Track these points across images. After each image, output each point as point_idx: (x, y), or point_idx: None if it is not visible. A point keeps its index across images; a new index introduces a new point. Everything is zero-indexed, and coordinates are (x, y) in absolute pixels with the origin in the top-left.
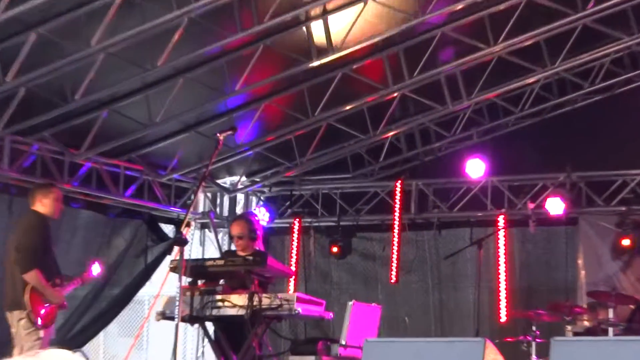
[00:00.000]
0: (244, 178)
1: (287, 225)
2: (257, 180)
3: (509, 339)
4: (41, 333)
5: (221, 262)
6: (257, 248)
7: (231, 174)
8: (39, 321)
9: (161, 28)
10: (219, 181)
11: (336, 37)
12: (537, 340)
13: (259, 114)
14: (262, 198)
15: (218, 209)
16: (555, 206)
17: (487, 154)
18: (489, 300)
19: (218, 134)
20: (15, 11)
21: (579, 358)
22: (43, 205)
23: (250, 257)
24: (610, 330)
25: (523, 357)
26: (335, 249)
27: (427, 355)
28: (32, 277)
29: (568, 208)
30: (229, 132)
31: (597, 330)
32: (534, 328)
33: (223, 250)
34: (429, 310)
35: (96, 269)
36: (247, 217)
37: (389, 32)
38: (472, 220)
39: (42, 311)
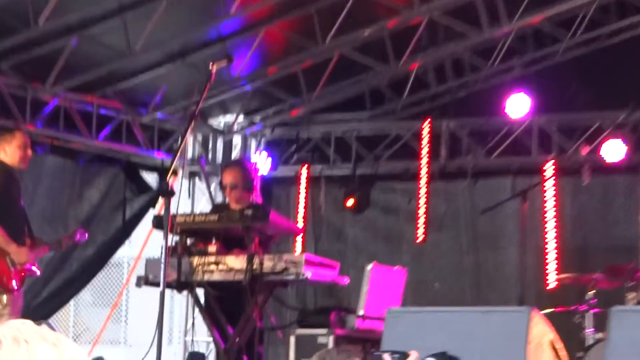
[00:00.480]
0: (241, 118)
1: (293, 173)
2: (257, 120)
3: (559, 309)
4: (4, 298)
5: (214, 217)
6: (254, 200)
7: (226, 113)
8: (2, 284)
9: None
10: (211, 121)
11: None
12: (593, 310)
13: (258, 40)
14: (262, 141)
15: (210, 155)
16: (613, 151)
17: (532, 88)
18: (535, 262)
19: (210, 65)
20: None
21: None
22: (5, 153)
23: (250, 211)
24: None
25: (576, 330)
26: (350, 202)
27: (460, 327)
28: None
29: (629, 153)
30: (223, 63)
31: None
32: (589, 295)
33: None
34: (462, 275)
35: (82, 236)
36: (242, 163)
37: None
38: (514, 167)
39: (5, 272)
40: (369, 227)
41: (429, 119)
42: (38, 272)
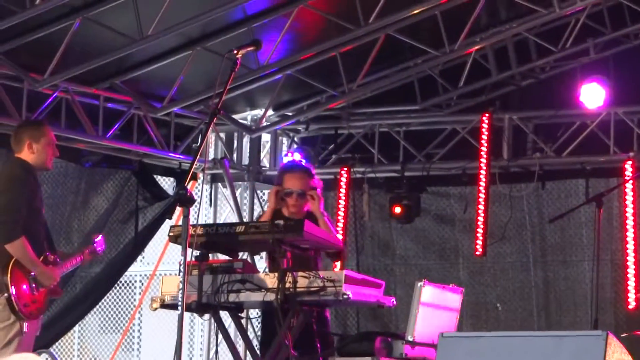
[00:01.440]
0: (270, 112)
1: (332, 176)
2: (289, 114)
3: (639, 333)
4: (25, 326)
5: (241, 228)
6: (312, 212)
7: (253, 107)
8: (23, 309)
9: None
10: (236, 116)
11: None
12: None
13: (290, 22)
14: (296, 139)
15: (235, 155)
16: None
17: (609, 75)
18: (613, 279)
19: (234, 51)
20: None
21: None
22: (32, 151)
23: (281, 222)
24: None
25: None
26: (398, 210)
27: (526, 355)
28: (17, 247)
29: None
30: (250, 49)
31: None
32: None
33: (243, 212)
34: (529, 294)
35: (102, 246)
36: (309, 169)
37: None
38: (589, 168)
39: (28, 296)
40: (419, 238)
41: (489, 112)
42: (61, 291)
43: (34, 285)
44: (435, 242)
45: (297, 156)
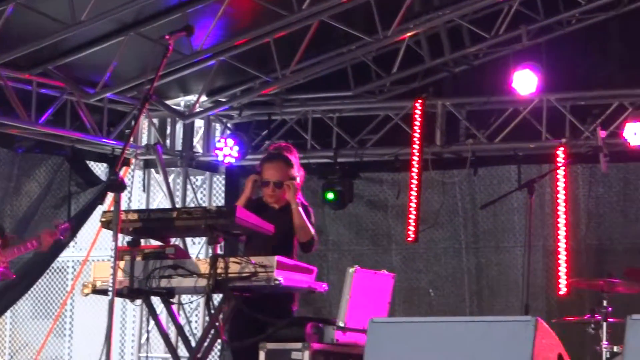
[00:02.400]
0: (204, 98)
1: None
2: (222, 100)
3: (570, 318)
4: None
5: (173, 213)
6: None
7: (186, 93)
8: None
9: None
10: (169, 102)
11: None
12: (610, 319)
13: (224, 8)
14: (229, 125)
15: (168, 141)
16: (636, 134)
17: (541, 62)
18: (544, 265)
19: (167, 37)
20: None
21: None
22: None
23: (213, 208)
24: None
25: (590, 343)
26: (331, 196)
27: (456, 340)
28: None
29: None
30: (182, 34)
31: None
32: (605, 303)
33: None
34: (461, 280)
35: (65, 231)
36: (287, 157)
37: None
38: (521, 154)
39: None
40: (352, 224)
41: (422, 99)
42: (13, 274)
43: None
44: (368, 228)
45: (229, 142)
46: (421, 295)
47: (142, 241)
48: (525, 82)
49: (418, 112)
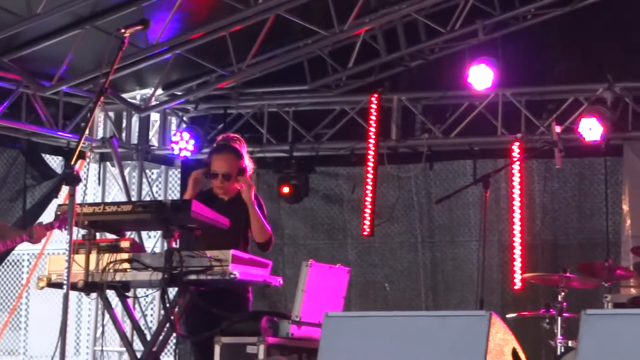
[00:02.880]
0: (160, 91)
1: None
2: (179, 93)
3: (525, 313)
4: None
5: (128, 207)
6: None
7: (142, 86)
8: None
9: None
10: (125, 95)
11: None
12: (564, 314)
13: (180, 1)
14: (185, 119)
15: (124, 134)
16: (591, 129)
17: (497, 57)
18: (500, 259)
19: (123, 30)
20: None
21: (619, 338)
22: None
23: (169, 201)
24: None
25: (545, 337)
26: (286, 190)
27: (410, 335)
28: None
29: (609, 132)
30: (138, 28)
31: None
32: (559, 298)
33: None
34: (417, 274)
35: (62, 224)
36: (236, 149)
37: None
38: (476, 149)
39: None
40: (307, 218)
41: (378, 93)
42: None
43: None
44: (323, 222)
45: (185, 135)
46: (377, 289)
47: (98, 235)
48: (480, 77)
49: (374, 106)
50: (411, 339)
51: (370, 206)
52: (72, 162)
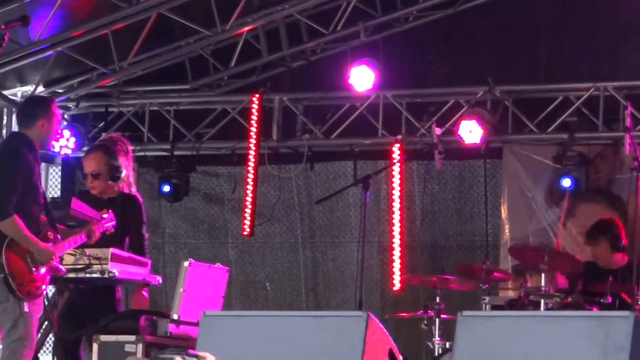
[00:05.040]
0: (41, 88)
1: None
2: (60, 91)
3: (403, 314)
4: (25, 306)
5: None
6: (122, 191)
7: (23, 83)
8: (19, 289)
9: None
10: (5, 92)
11: None
12: (442, 315)
13: None
14: (66, 116)
15: (5, 131)
16: (471, 132)
17: (378, 59)
18: (380, 260)
19: (3, 26)
20: None
21: (494, 339)
22: (41, 130)
23: (49, 199)
24: (542, 302)
25: (424, 338)
26: (167, 188)
27: (288, 335)
28: (9, 225)
29: (488, 135)
30: (19, 24)
31: (524, 302)
32: (437, 299)
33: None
34: (297, 274)
35: (110, 220)
36: (108, 147)
37: None
38: (357, 150)
39: (25, 275)
40: (188, 217)
41: (260, 93)
42: (64, 270)
43: (31, 264)
44: (204, 221)
45: (66, 133)
46: (258, 289)
47: None
48: (361, 78)
49: (255, 106)
50: (288, 338)
51: (250, 206)
52: None
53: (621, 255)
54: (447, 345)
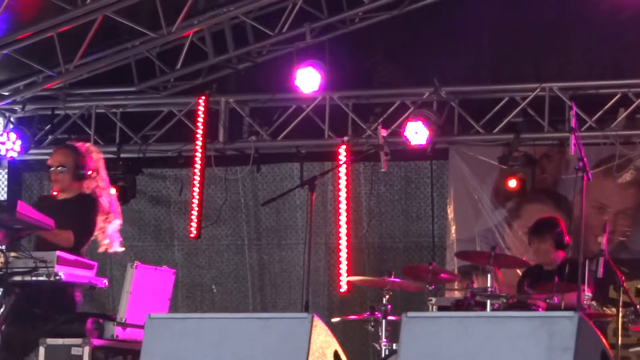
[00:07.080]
0: None
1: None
2: (5, 94)
3: (351, 316)
4: None
5: None
6: (86, 192)
7: None
8: None
9: None
10: None
11: None
12: (389, 317)
13: (7, 1)
14: (12, 119)
15: None
16: (417, 133)
17: (324, 60)
18: (327, 262)
19: None
20: None
21: (439, 340)
22: None
23: None
24: (489, 303)
25: (371, 340)
26: (113, 191)
27: (234, 337)
28: None
29: (434, 136)
30: None
31: (470, 303)
32: (384, 301)
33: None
34: (244, 276)
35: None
36: (73, 146)
37: None
38: (304, 152)
39: None
40: (135, 219)
41: (206, 95)
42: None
43: None
44: (150, 223)
45: (12, 136)
46: (204, 291)
47: None
48: (307, 80)
49: (201, 108)
50: (233, 340)
51: (197, 208)
52: None
53: (562, 253)
54: (394, 347)
